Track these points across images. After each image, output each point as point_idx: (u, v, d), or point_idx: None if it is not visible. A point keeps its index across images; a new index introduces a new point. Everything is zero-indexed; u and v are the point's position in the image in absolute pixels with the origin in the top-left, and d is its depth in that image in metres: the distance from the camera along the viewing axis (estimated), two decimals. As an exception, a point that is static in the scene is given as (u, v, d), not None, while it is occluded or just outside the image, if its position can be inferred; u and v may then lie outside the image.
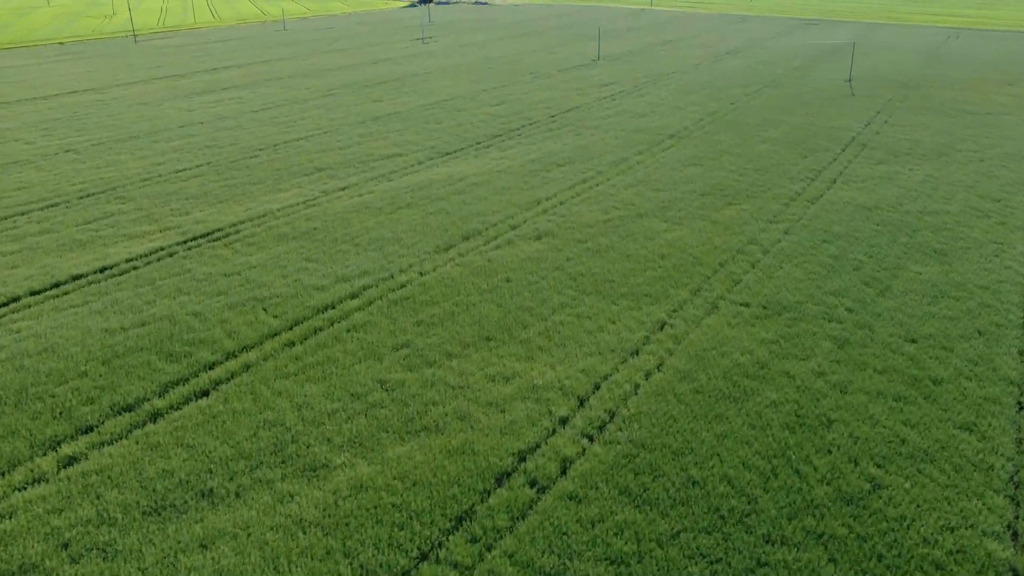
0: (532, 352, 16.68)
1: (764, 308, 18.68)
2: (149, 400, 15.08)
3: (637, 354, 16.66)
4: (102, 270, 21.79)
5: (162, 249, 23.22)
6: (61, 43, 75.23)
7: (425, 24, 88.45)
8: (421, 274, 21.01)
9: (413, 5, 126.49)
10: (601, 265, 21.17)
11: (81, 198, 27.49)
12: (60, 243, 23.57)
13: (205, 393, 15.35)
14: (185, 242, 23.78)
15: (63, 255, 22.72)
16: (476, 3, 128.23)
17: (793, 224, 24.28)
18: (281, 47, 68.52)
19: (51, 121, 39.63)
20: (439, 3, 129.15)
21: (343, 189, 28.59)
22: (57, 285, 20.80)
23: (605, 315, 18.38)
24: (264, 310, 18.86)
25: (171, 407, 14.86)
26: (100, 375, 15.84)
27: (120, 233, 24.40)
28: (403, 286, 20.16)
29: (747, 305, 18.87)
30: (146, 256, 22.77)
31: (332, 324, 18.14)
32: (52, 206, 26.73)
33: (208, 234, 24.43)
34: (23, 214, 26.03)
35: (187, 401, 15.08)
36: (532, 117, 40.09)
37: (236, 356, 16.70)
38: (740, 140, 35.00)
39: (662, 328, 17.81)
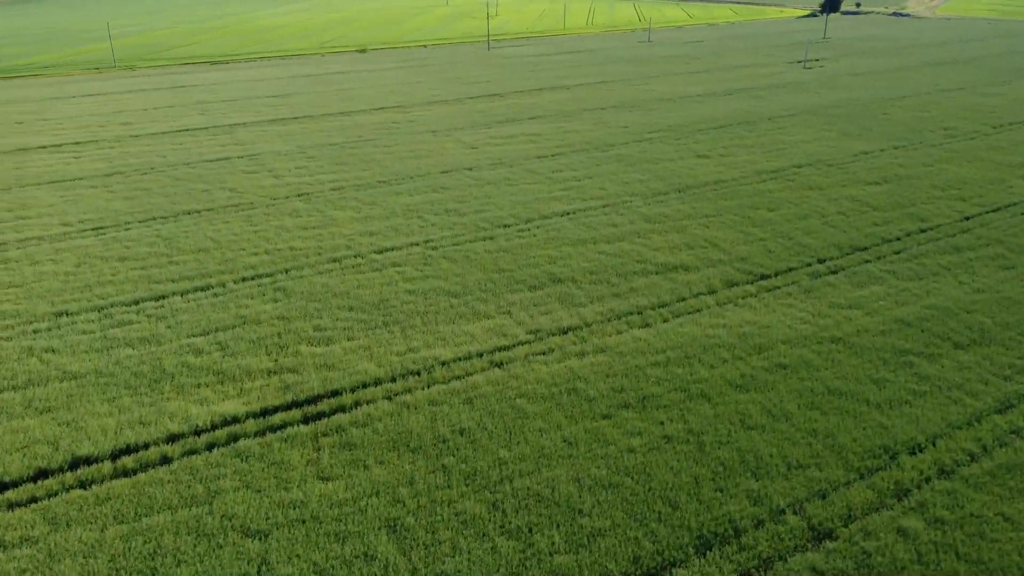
0: None
1: None
2: None
3: None
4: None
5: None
6: (424, 45, 74.83)
7: (814, 42, 72.50)
8: None
9: (813, 14, 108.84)
10: None
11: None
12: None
13: None
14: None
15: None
16: (894, 14, 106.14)
17: None
18: (627, 64, 59.19)
19: (317, 148, 34.82)
20: (846, 12, 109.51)
21: (541, 352, 17.88)
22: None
23: None
24: None
25: None
26: None
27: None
28: None
29: None
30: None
31: None
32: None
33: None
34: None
35: None
36: (929, 216, 25.12)
37: None
38: None
39: None
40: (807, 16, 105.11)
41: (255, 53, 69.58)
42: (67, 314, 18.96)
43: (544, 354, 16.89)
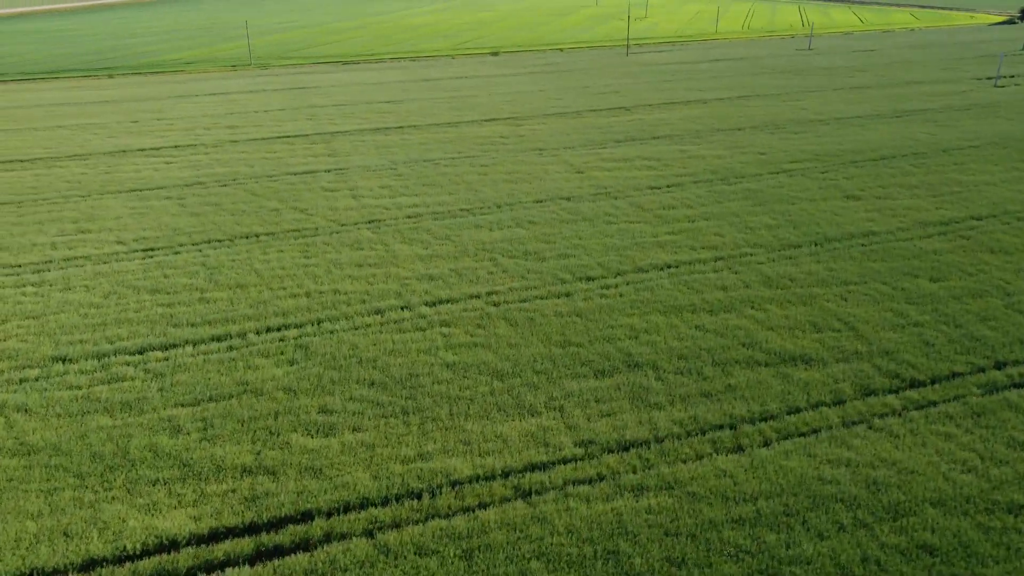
0: None
1: None
2: None
3: None
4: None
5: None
6: (560, 49, 71.16)
7: (1009, 55, 62.56)
8: None
9: (1011, 21, 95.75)
10: None
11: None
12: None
13: None
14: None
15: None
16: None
17: None
18: (778, 75, 52.77)
19: (409, 164, 31.92)
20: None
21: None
22: None
23: None
24: None
25: None
26: None
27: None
28: None
29: None
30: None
31: None
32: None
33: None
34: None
35: None
36: None
37: None
38: None
39: None
40: (1003, 23, 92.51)
41: (387, 54, 68.52)
42: (65, 360, 16.73)
43: (590, 483, 12.69)
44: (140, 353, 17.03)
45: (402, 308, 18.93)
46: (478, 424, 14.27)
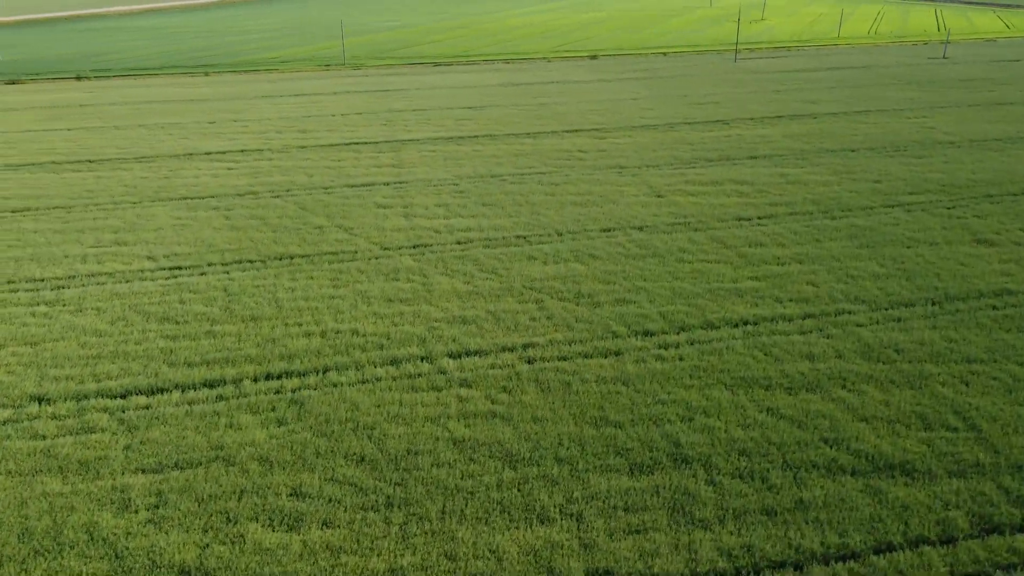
0: None
1: None
2: None
3: None
4: None
5: None
6: (664, 53, 67.25)
7: None
8: None
9: None
10: None
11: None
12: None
13: None
14: None
15: None
16: None
17: None
18: (905, 87, 47.24)
19: (474, 180, 29.43)
20: None
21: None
22: None
23: None
24: None
25: None
26: None
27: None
28: None
29: None
30: None
31: None
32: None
33: None
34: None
35: None
36: None
37: None
38: None
39: None
40: None
41: (483, 55, 66.54)
42: (43, 400, 15.11)
43: (596, 638, 9.73)
44: (123, 397, 15.21)
45: (422, 359, 16.40)
46: (472, 531, 11.53)
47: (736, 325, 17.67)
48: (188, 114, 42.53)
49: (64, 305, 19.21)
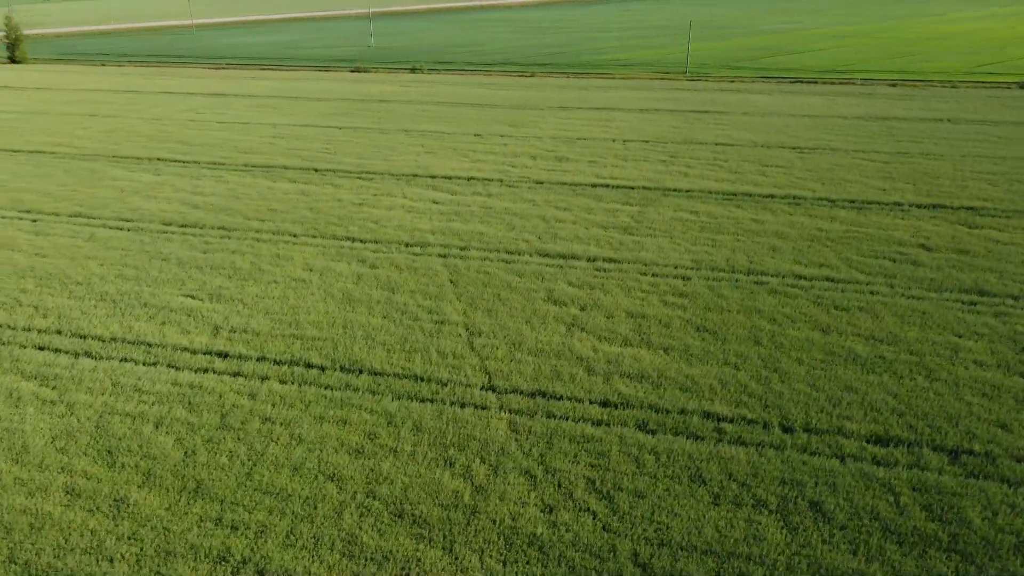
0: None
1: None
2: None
3: None
4: None
5: None
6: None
7: None
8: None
9: None
10: None
11: None
12: None
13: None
14: None
15: None
16: None
17: None
18: None
19: (714, 275, 19.33)
20: None
21: None
22: None
23: None
24: None
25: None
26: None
27: None
28: None
29: None
30: None
31: None
32: None
33: None
34: None
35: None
36: None
37: None
38: None
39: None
40: None
41: (864, 72, 52.56)
42: None
43: None
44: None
45: None
46: None
47: None
48: (463, 122, 37.97)
49: (76, 384, 14.51)
